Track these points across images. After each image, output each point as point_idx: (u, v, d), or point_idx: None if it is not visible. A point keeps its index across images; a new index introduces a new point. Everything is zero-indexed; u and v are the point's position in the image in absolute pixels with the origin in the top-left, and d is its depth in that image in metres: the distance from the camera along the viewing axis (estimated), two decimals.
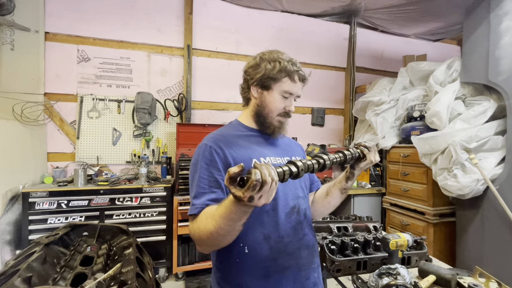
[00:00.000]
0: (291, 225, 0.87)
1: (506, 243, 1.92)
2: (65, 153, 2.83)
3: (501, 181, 1.99)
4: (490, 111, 2.14)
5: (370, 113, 3.06)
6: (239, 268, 0.83)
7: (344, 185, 0.96)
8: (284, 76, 0.88)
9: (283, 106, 0.91)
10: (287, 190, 0.89)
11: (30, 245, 0.84)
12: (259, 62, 0.91)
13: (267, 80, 0.88)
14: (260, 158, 0.88)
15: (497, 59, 2.04)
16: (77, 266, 0.79)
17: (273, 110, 0.91)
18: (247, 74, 0.94)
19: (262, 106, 0.92)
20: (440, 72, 2.57)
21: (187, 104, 3.12)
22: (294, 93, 0.90)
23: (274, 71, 0.87)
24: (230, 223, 0.66)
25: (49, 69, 2.74)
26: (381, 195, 3.11)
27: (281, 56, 0.90)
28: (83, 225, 0.99)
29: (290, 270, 0.84)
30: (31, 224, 2.28)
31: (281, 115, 0.92)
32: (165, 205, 2.59)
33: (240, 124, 0.98)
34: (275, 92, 0.89)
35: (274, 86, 0.89)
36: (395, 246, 1.04)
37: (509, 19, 1.97)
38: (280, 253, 0.83)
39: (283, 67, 0.87)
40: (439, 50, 4.34)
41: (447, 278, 1.04)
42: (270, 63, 0.88)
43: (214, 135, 0.91)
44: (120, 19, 2.94)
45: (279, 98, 0.90)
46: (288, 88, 0.89)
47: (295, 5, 3.40)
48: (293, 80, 0.89)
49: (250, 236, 0.82)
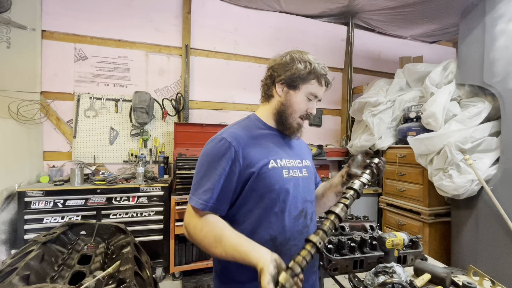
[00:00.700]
0: (298, 229, 0.87)
1: (500, 242, 1.95)
2: (61, 152, 2.81)
3: (495, 181, 2.01)
4: (484, 113, 2.17)
5: (367, 113, 3.08)
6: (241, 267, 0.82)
7: (340, 189, 0.96)
8: (313, 78, 0.88)
9: (306, 108, 0.91)
10: (297, 193, 0.88)
11: (28, 244, 0.84)
12: (289, 60, 0.89)
13: (296, 80, 0.88)
14: (277, 160, 0.87)
15: (492, 61, 2.07)
16: (75, 265, 0.79)
17: (296, 111, 0.90)
18: (274, 70, 0.92)
19: (286, 106, 0.91)
20: (436, 74, 2.59)
21: (185, 103, 3.11)
22: (318, 96, 0.92)
23: (305, 72, 0.86)
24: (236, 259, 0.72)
25: (46, 68, 2.72)
26: (377, 195, 3.13)
27: (311, 57, 0.90)
28: (81, 224, 0.99)
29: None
30: (26, 224, 2.26)
31: (302, 117, 0.92)
32: (162, 204, 2.59)
33: (259, 121, 0.96)
34: (302, 93, 0.89)
35: (302, 86, 0.88)
36: (391, 245, 1.05)
37: (503, 22, 2.00)
38: (284, 255, 0.80)
39: (313, 68, 0.87)
40: (435, 52, 4.38)
41: (441, 276, 1.05)
42: (301, 63, 0.87)
43: (234, 130, 0.88)
44: (118, 18, 2.93)
45: (304, 99, 0.90)
46: (315, 90, 0.89)
47: (293, 6, 3.42)
48: (320, 83, 0.90)
49: (257, 236, 0.81)
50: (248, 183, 0.82)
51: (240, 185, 0.83)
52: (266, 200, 0.83)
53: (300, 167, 0.93)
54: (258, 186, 0.82)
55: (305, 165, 0.97)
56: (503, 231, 1.93)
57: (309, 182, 0.96)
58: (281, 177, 0.85)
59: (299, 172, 0.92)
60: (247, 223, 0.83)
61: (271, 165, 0.84)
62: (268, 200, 0.83)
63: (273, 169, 0.84)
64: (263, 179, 0.82)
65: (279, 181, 0.84)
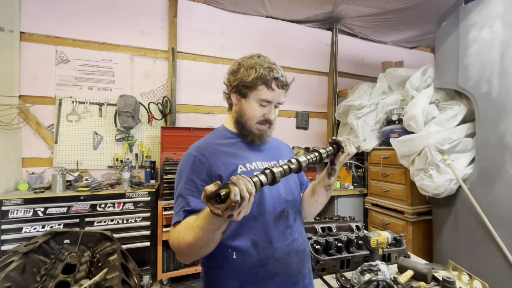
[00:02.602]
0: (280, 230, 0.85)
1: (477, 238, 2.05)
2: (41, 158, 2.70)
3: (471, 180, 2.12)
4: (460, 115, 2.28)
5: (351, 116, 3.16)
6: (226, 274, 0.82)
7: (327, 182, 0.94)
8: (260, 84, 0.84)
9: (262, 114, 0.88)
10: (274, 194, 0.88)
11: (7, 255, 0.80)
12: (237, 68, 0.88)
13: (243, 88, 0.86)
14: (246, 164, 0.87)
15: (466, 67, 2.19)
16: (59, 275, 0.76)
17: (251, 118, 0.88)
18: (227, 80, 0.92)
19: (240, 114, 0.90)
20: (415, 78, 2.71)
21: (172, 107, 3.08)
22: (272, 100, 0.87)
23: (249, 79, 0.84)
24: (208, 234, 0.66)
25: (24, 71, 2.62)
26: (363, 195, 3.21)
27: (260, 62, 0.86)
28: (64, 232, 0.96)
29: (279, 276, 0.83)
30: (4, 234, 2.15)
31: (260, 123, 0.89)
32: (149, 210, 2.54)
33: (226, 130, 0.97)
34: (252, 100, 0.86)
35: (251, 94, 0.86)
36: (376, 243, 1.09)
37: (476, 30, 2.12)
38: (268, 259, 0.81)
39: (258, 74, 0.83)
40: (415, 57, 4.58)
41: (423, 272, 1.10)
42: (247, 70, 0.85)
43: (199, 144, 0.90)
44: (102, 21, 2.87)
45: (257, 106, 0.87)
46: (264, 96, 0.85)
47: (279, 11, 3.48)
48: (270, 88, 0.85)
49: (238, 242, 0.81)
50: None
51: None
52: None
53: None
54: None
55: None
56: (480, 228, 2.03)
57: (289, 182, 0.94)
58: None
59: None
60: (228, 231, 0.81)
61: (239, 170, 0.84)
62: None
63: (243, 173, 0.83)
64: None
65: None
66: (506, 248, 1.86)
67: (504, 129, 1.91)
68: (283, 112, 3.71)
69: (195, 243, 0.68)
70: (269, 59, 0.89)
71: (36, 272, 0.74)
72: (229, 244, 0.81)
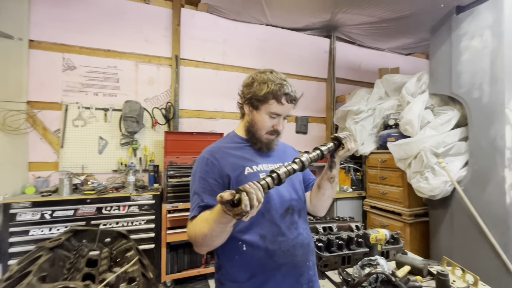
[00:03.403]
0: (285, 225, 0.94)
1: (472, 237, 2.13)
2: (47, 163, 2.76)
3: (465, 182, 2.21)
4: (454, 120, 2.38)
5: (349, 121, 3.26)
6: (238, 264, 0.90)
7: (330, 174, 1.00)
8: (271, 98, 0.92)
9: (271, 125, 0.96)
10: (280, 193, 0.96)
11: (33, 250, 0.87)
12: (251, 82, 0.96)
13: (256, 101, 0.94)
14: (252, 166, 0.95)
15: (459, 74, 2.29)
16: (84, 268, 0.82)
17: (261, 128, 0.97)
18: (241, 91, 1.01)
19: (251, 124, 0.99)
20: (411, 84, 2.82)
21: (175, 112, 3.16)
22: (281, 113, 0.95)
23: (261, 93, 0.92)
24: (221, 226, 0.74)
25: (32, 77, 2.70)
26: (361, 198, 3.29)
27: (272, 78, 0.93)
28: (84, 230, 1.03)
29: (285, 267, 0.90)
30: (12, 236, 2.20)
31: (269, 133, 0.98)
32: (153, 213, 2.59)
33: (236, 136, 1.06)
34: (263, 112, 0.95)
35: (262, 107, 0.94)
36: (375, 240, 1.16)
37: (467, 39, 2.24)
38: (275, 251, 0.89)
39: (270, 90, 0.91)
40: (411, 63, 4.71)
41: (419, 267, 1.18)
42: (260, 84, 0.93)
43: (211, 148, 1.00)
44: (108, 29, 2.97)
45: (267, 118, 0.95)
46: (275, 110, 0.93)
47: (279, 20, 3.60)
48: (280, 103, 0.92)
49: (248, 236, 0.89)
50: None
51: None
52: None
53: None
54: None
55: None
56: (474, 228, 2.11)
57: (293, 182, 1.03)
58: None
59: None
60: (239, 226, 0.90)
61: (247, 171, 0.94)
62: None
63: (250, 174, 0.93)
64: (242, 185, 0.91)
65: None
66: (499, 247, 1.94)
67: (495, 133, 2.01)
68: None
69: (210, 234, 0.77)
70: (280, 75, 0.97)
71: (63, 265, 0.80)
72: (240, 237, 0.89)
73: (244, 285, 0.90)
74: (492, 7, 2.07)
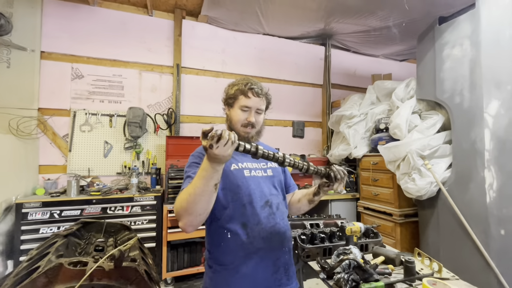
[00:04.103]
0: (264, 215, 1.08)
1: (456, 235, 2.23)
2: (56, 166, 2.93)
3: (449, 183, 2.32)
4: (439, 124, 2.51)
5: (343, 125, 3.40)
6: (223, 250, 1.04)
7: (311, 198, 1.19)
8: (239, 94, 1.11)
9: (244, 118, 1.11)
10: (262, 189, 1.11)
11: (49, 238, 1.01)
12: (226, 88, 1.18)
13: (229, 99, 1.14)
14: (238, 164, 1.11)
15: (442, 80, 2.43)
16: (92, 252, 0.97)
17: (236, 122, 1.12)
18: (222, 97, 1.22)
19: (230, 120, 1.16)
20: (400, 90, 2.95)
21: (176, 118, 3.33)
22: (251, 106, 1.11)
23: (232, 92, 1.13)
24: (204, 182, 0.83)
25: (44, 86, 2.89)
26: (355, 200, 3.40)
27: (241, 80, 1.15)
28: (92, 222, 1.18)
29: (263, 251, 1.05)
30: (23, 234, 2.36)
31: (244, 126, 1.12)
32: (155, 213, 2.74)
33: None
34: (236, 108, 1.12)
35: (235, 103, 1.12)
36: (350, 231, 1.29)
37: (448, 48, 2.38)
38: (255, 237, 1.03)
39: (238, 88, 1.12)
40: (405, 68, 4.84)
41: (392, 257, 1.30)
42: (232, 87, 1.15)
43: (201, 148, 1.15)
44: (113, 40, 3.17)
45: (240, 112, 1.11)
46: (244, 103, 1.10)
47: (275, 29, 3.77)
48: (246, 96, 1.10)
49: (232, 224, 1.04)
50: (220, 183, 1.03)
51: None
52: (236, 195, 1.05)
53: (264, 168, 1.18)
54: (226, 184, 1.06)
55: (270, 167, 1.20)
56: (458, 226, 2.22)
57: (273, 179, 1.18)
58: (243, 176, 1.10)
59: (263, 172, 1.16)
60: (224, 215, 1.04)
61: (233, 167, 1.10)
62: (237, 195, 1.06)
63: (235, 170, 1.09)
64: (229, 178, 1.07)
65: (241, 178, 1.08)
66: (481, 244, 2.04)
67: (475, 136, 2.13)
68: (280, 121, 3.95)
69: (193, 192, 0.86)
70: (250, 79, 1.16)
71: (75, 250, 0.94)
72: (225, 226, 1.03)
73: (229, 267, 1.03)
74: (470, 18, 2.21)
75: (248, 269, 1.03)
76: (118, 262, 0.80)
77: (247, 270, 1.03)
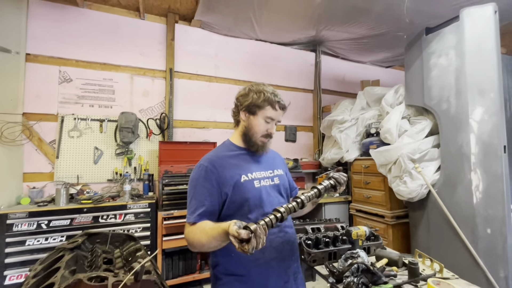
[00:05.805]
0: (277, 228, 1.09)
1: (446, 236, 2.34)
2: (42, 173, 2.80)
3: (439, 185, 2.44)
4: (427, 128, 2.63)
5: (335, 130, 3.48)
6: (235, 260, 1.03)
7: (315, 200, 1.19)
8: (267, 104, 1.08)
9: (266, 129, 1.11)
10: (270, 198, 1.11)
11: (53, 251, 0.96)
12: (247, 92, 1.12)
13: (253, 107, 1.09)
14: (248, 174, 1.09)
15: (429, 87, 2.56)
16: (102, 265, 0.93)
17: (257, 132, 1.11)
18: (238, 101, 1.16)
19: (248, 128, 1.12)
20: (389, 96, 3.07)
21: (169, 123, 3.28)
22: (274, 118, 1.11)
23: (259, 100, 1.08)
24: (218, 243, 0.87)
25: (29, 90, 2.76)
26: (348, 202, 3.48)
27: (266, 88, 1.11)
28: (97, 233, 1.13)
29: (275, 260, 1.05)
30: (8, 247, 2.23)
31: (263, 136, 1.12)
32: (149, 220, 2.67)
33: (231, 144, 1.19)
34: (259, 117, 1.09)
35: (259, 112, 1.09)
36: (356, 235, 1.33)
37: (435, 57, 2.51)
38: (266, 248, 1.00)
39: (266, 97, 1.08)
40: (391, 75, 5.05)
41: (395, 259, 1.35)
42: (257, 93, 1.09)
43: (210, 156, 1.12)
44: (104, 43, 3.08)
45: (263, 122, 1.10)
46: (270, 114, 1.09)
47: (267, 35, 3.82)
48: (274, 108, 1.09)
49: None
50: (228, 197, 1.03)
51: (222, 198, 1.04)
52: (245, 208, 1.04)
53: (272, 176, 1.17)
54: (236, 198, 1.04)
55: (277, 174, 1.20)
56: (447, 227, 2.33)
57: (280, 187, 1.18)
58: (253, 187, 1.07)
59: (270, 180, 1.15)
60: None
61: (243, 179, 1.07)
62: (246, 207, 1.04)
63: (245, 182, 1.07)
64: (239, 191, 1.04)
65: (252, 190, 1.06)
66: (469, 243, 2.15)
67: (461, 140, 2.26)
68: None
69: (207, 245, 0.90)
70: (271, 88, 1.15)
71: (83, 263, 0.90)
72: None
73: (240, 278, 1.03)
74: (455, 30, 2.35)
75: (261, 279, 1.03)
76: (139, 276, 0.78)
77: (260, 280, 1.03)
